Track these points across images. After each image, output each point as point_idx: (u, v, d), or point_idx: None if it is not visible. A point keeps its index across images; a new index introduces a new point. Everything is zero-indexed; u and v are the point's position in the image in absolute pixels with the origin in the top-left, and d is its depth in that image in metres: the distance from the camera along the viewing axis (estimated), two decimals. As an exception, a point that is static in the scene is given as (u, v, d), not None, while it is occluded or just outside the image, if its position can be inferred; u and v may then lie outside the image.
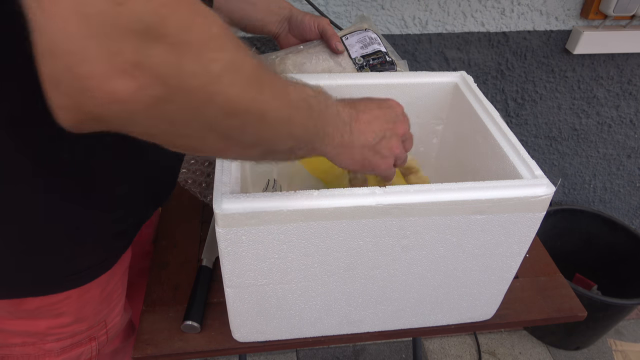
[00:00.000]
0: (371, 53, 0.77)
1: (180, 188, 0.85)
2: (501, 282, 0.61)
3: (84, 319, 0.59)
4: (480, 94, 0.65)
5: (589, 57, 1.20)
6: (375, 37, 0.79)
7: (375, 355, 1.47)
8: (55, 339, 0.58)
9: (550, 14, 1.11)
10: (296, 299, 0.56)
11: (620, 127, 1.37)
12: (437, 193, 0.48)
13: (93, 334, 0.62)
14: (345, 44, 0.78)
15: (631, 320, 1.63)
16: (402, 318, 0.63)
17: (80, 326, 0.59)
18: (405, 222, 0.49)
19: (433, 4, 1.06)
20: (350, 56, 0.77)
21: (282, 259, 0.50)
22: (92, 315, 0.60)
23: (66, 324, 0.58)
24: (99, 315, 0.61)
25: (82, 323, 0.59)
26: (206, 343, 0.62)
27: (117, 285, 0.63)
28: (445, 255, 0.54)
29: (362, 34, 0.79)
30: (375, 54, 0.77)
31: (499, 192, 0.49)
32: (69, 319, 0.57)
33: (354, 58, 0.77)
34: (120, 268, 0.62)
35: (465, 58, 1.16)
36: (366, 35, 0.79)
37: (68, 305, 0.56)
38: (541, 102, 1.28)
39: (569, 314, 0.70)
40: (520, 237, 0.54)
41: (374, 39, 0.78)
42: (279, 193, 0.47)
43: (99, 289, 0.59)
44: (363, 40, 0.78)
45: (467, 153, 0.66)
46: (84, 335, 0.61)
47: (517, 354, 1.50)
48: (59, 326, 0.57)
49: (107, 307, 0.62)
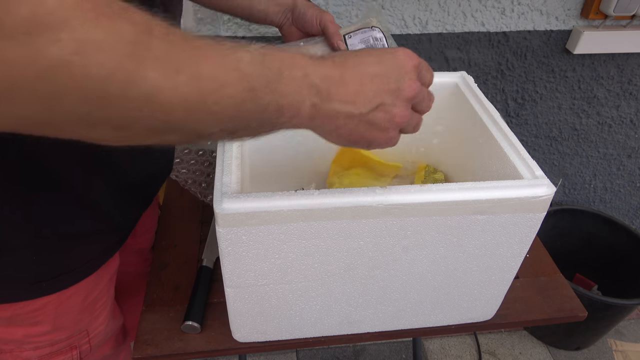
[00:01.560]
0: None
1: (180, 188, 0.85)
2: (502, 283, 0.61)
3: (64, 328, 0.58)
4: (480, 94, 0.65)
5: (589, 57, 1.20)
6: (380, 37, 0.75)
7: (375, 355, 1.47)
8: (33, 347, 0.57)
9: (550, 14, 1.11)
10: (296, 299, 0.56)
11: (621, 127, 1.37)
12: (437, 193, 0.48)
13: (74, 342, 0.60)
14: (347, 43, 0.74)
15: (631, 320, 1.63)
16: (403, 318, 0.63)
17: (60, 335, 0.58)
18: (405, 222, 0.49)
19: (433, 4, 1.06)
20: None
21: (282, 259, 0.50)
22: (72, 324, 0.59)
23: (44, 332, 0.56)
24: (80, 324, 0.60)
25: (61, 332, 0.58)
26: (206, 343, 0.62)
27: (102, 294, 0.62)
28: (446, 255, 0.54)
29: (367, 33, 0.75)
30: None
31: (499, 193, 0.49)
32: (46, 327, 0.56)
33: None
34: (105, 276, 0.61)
35: (466, 58, 1.16)
36: (371, 35, 0.75)
37: (45, 314, 0.55)
38: (541, 102, 1.28)
39: (570, 314, 0.70)
40: (520, 237, 0.54)
41: (379, 39, 0.75)
42: (279, 193, 0.47)
43: (80, 298, 0.57)
44: (367, 40, 0.74)
45: (468, 153, 0.66)
46: (64, 343, 0.59)
47: (517, 354, 1.50)
48: (37, 334, 0.56)
49: (89, 316, 0.61)
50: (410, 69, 0.40)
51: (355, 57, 0.39)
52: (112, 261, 0.63)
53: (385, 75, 0.39)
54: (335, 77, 0.37)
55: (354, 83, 0.38)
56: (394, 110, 0.39)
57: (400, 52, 0.40)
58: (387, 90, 0.39)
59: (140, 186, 0.62)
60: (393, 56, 0.40)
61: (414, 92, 0.40)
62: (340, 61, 0.38)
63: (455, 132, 0.71)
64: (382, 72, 0.39)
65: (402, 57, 0.40)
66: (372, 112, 0.39)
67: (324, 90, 0.37)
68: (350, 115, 0.38)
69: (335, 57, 0.39)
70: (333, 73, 0.37)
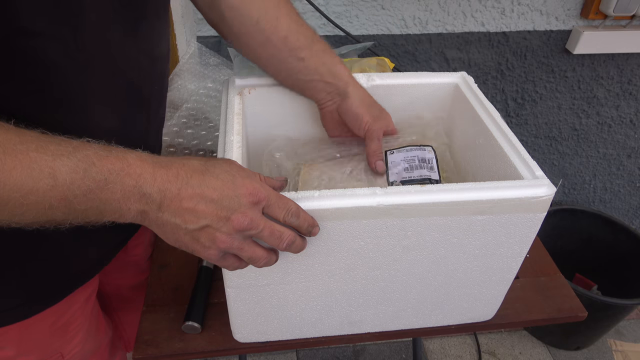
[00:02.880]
0: (415, 179, 0.60)
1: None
2: (502, 283, 0.61)
3: (31, 352, 0.57)
4: (480, 95, 0.65)
5: (589, 57, 1.20)
6: (431, 157, 0.62)
7: (375, 355, 1.47)
8: None
9: (550, 14, 1.11)
10: (297, 299, 0.56)
11: (621, 127, 1.37)
12: (438, 194, 0.48)
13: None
14: (388, 160, 0.64)
15: (631, 320, 1.63)
16: (403, 318, 0.63)
17: (28, 358, 0.57)
18: (406, 223, 0.49)
19: (433, 4, 1.06)
20: (387, 179, 0.63)
21: (283, 259, 0.50)
22: (41, 347, 0.58)
23: (9, 357, 0.55)
24: (51, 346, 0.58)
25: (29, 356, 0.57)
26: (207, 343, 0.62)
27: (76, 316, 0.60)
28: (446, 255, 0.54)
29: (414, 152, 0.63)
30: (421, 181, 0.60)
31: (499, 193, 0.49)
32: (11, 352, 0.55)
33: (391, 182, 0.62)
34: (79, 299, 0.60)
35: (466, 58, 1.16)
36: (417, 155, 0.62)
37: (7, 340, 0.54)
38: (541, 102, 1.28)
39: (570, 314, 0.70)
40: (521, 237, 0.54)
41: (428, 160, 0.62)
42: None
43: (47, 323, 0.56)
44: (411, 160, 0.62)
45: (468, 154, 0.66)
46: None
47: (517, 354, 1.50)
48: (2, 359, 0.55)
49: (61, 339, 0.59)
50: (246, 203, 0.42)
51: (201, 177, 0.41)
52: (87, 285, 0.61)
53: (220, 202, 0.41)
54: (172, 192, 0.40)
55: (188, 202, 0.40)
56: (217, 234, 0.41)
57: (243, 188, 0.42)
58: (216, 215, 0.41)
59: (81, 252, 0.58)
60: (235, 187, 0.41)
61: (241, 225, 0.41)
62: (185, 176, 0.40)
63: (455, 133, 0.71)
64: (217, 198, 0.41)
65: (242, 191, 0.42)
66: (197, 230, 0.41)
67: (156, 201, 0.39)
68: (177, 227, 0.41)
69: (183, 169, 0.41)
70: (171, 187, 0.40)
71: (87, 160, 0.37)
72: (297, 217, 0.44)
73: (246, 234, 0.42)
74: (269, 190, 0.43)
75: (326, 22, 1.04)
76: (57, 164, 0.35)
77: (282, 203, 0.44)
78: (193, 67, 0.98)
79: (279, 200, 0.44)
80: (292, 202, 0.45)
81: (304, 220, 0.45)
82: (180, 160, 0.42)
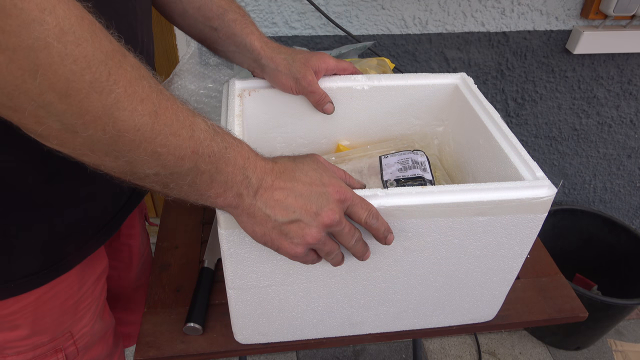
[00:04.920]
0: (409, 178, 0.63)
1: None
2: (503, 283, 0.61)
3: (44, 331, 0.57)
4: (480, 96, 0.65)
5: (589, 57, 1.20)
6: (424, 160, 0.65)
7: (375, 355, 1.48)
8: (15, 352, 0.55)
9: (550, 14, 1.11)
10: (298, 300, 0.56)
11: (621, 127, 1.38)
12: (438, 195, 0.48)
13: (58, 345, 0.59)
14: (382, 163, 0.66)
15: (631, 320, 1.63)
16: (404, 319, 0.63)
17: (41, 338, 0.57)
18: (407, 224, 0.49)
19: (433, 4, 1.06)
20: (382, 178, 0.65)
21: (284, 260, 0.50)
22: (53, 326, 0.57)
23: (24, 337, 0.55)
24: (62, 325, 0.58)
25: (42, 335, 0.57)
26: (208, 345, 0.62)
27: (86, 295, 0.60)
28: (447, 256, 0.54)
29: (407, 155, 0.66)
30: (414, 179, 0.63)
31: (500, 194, 0.49)
32: (25, 331, 0.54)
33: (385, 181, 0.65)
34: (90, 277, 0.60)
35: (465, 58, 1.16)
36: (410, 157, 0.65)
37: (23, 317, 0.53)
38: (541, 102, 1.28)
39: (570, 314, 0.70)
40: (522, 238, 0.54)
41: (420, 163, 0.65)
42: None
43: (60, 300, 0.56)
44: (405, 162, 0.65)
45: (468, 155, 0.66)
46: (48, 347, 0.58)
47: (517, 354, 1.50)
48: (17, 339, 0.55)
49: (72, 317, 0.59)
50: (334, 201, 0.43)
51: (292, 174, 0.43)
52: (97, 261, 0.61)
53: (309, 197, 0.42)
54: (268, 182, 0.41)
55: (280, 193, 0.42)
56: (306, 230, 0.42)
57: (331, 186, 0.44)
58: (306, 210, 0.42)
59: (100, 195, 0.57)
60: (323, 185, 0.43)
61: (330, 220, 0.43)
62: (278, 170, 0.42)
63: (455, 134, 0.71)
64: (307, 194, 0.42)
65: (330, 189, 0.43)
66: (287, 224, 0.42)
67: (254, 187, 0.41)
68: (266, 218, 0.41)
69: (277, 165, 0.43)
70: (267, 178, 0.41)
71: (214, 126, 0.38)
72: (377, 219, 0.46)
73: (331, 229, 0.44)
74: (352, 191, 0.45)
75: (326, 21, 1.04)
76: (195, 120, 0.37)
77: (365, 204, 0.45)
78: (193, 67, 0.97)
79: (362, 201, 0.45)
80: (372, 205, 0.46)
81: (382, 223, 0.46)
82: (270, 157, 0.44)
